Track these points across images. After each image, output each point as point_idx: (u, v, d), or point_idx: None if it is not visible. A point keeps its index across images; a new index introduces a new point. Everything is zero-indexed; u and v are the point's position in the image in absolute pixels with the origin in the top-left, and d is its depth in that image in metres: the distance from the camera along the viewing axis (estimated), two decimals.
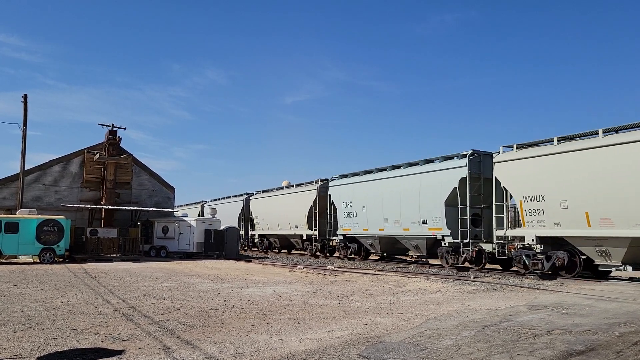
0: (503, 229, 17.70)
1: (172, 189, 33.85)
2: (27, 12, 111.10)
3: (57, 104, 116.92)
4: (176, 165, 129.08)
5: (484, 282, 15.04)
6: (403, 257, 27.75)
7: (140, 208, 29.86)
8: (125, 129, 31.20)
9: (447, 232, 20.02)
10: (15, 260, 23.51)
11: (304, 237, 31.25)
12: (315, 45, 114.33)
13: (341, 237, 27.30)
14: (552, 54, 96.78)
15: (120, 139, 30.61)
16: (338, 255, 28.42)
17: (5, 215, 23.41)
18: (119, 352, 6.03)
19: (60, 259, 23.42)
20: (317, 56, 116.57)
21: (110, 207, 29.00)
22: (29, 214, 23.35)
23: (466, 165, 19.30)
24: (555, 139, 16.36)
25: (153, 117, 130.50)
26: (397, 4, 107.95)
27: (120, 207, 29.40)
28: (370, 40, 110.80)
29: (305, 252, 32.70)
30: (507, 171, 17.65)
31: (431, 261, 24.71)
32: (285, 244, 35.42)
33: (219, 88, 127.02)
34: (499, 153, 18.10)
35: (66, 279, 15.51)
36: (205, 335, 7.06)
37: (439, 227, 20.43)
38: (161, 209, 30.64)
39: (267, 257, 30.86)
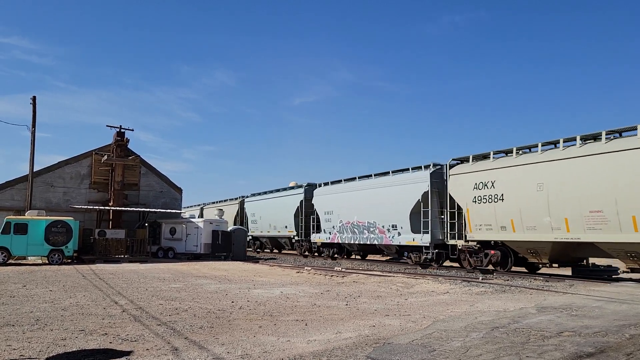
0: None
1: (179, 190, 33.94)
2: (38, 15, 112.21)
3: (67, 105, 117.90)
4: (185, 166, 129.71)
5: (492, 283, 14.96)
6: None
7: (148, 209, 29.95)
8: (133, 130, 31.31)
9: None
10: (24, 261, 23.68)
11: None
12: (324, 46, 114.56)
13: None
14: (564, 54, 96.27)
15: (128, 141, 30.72)
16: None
17: (14, 217, 23.59)
18: (127, 353, 6.05)
19: (69, 260, 23.55)
20: (326, 57, 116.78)
21: (118, 208, 29.11)
22: (37, 215, 23.50)
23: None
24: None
25: (162, 118, 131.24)
26: (407, 5, 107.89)
27: (128, 209, 29.50)
28: (379, 41, 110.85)
29: None
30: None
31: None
32: None
33: (228, 89, 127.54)
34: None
35: (74, 280, 15.60)
36: (213, 337, 7.07)
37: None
38: (169, 210, 30.74)
39: (275, 259, 30.96)
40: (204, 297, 11.72)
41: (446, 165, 21.54)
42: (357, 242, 26.48)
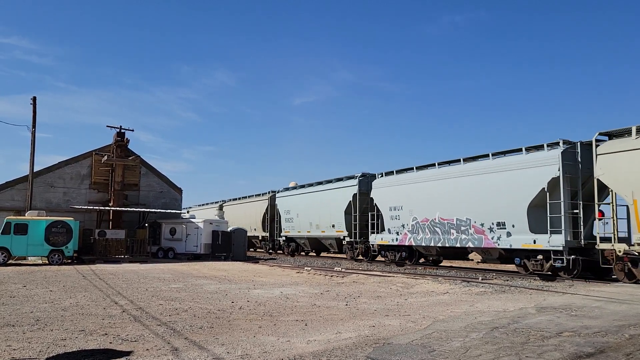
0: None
1: (179, 190, 33.95)
2: (38, 15, 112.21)
3: (67, 106, 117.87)
4: (185, 167, 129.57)
5: (492, 283, 14.97)
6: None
7: (148, 209, 29.95)
8: (133, 130, 31.33)
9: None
10: (24, 262, 23.68)
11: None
12: (324, 46, 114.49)
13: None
14: (564, 54, 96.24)
15: (128, 141, 30.73)
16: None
17: (14, 217, 23.59)
18: (127, 353, 6.05)
19: (69, 260, 23.56)
20: (326, 57, 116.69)
21: (118, 208, 29.12)
22: (38, 216, 23.51)
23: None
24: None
25: (162, 119, 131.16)
26: (407, 5, 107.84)
27: (128, 209, 29.51)
28: (379, 41, 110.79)
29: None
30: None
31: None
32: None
33: (228, 90, 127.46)
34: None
35: (75, 280, 15.60)
36: (212, 337, 7.08)
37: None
38: (169, 211, 30.75)
39: (274, 259, 30.95)
40: (204, 297, 11.73)
41: (578, 143, 16.91)
42: (439, 245, 21.15)
